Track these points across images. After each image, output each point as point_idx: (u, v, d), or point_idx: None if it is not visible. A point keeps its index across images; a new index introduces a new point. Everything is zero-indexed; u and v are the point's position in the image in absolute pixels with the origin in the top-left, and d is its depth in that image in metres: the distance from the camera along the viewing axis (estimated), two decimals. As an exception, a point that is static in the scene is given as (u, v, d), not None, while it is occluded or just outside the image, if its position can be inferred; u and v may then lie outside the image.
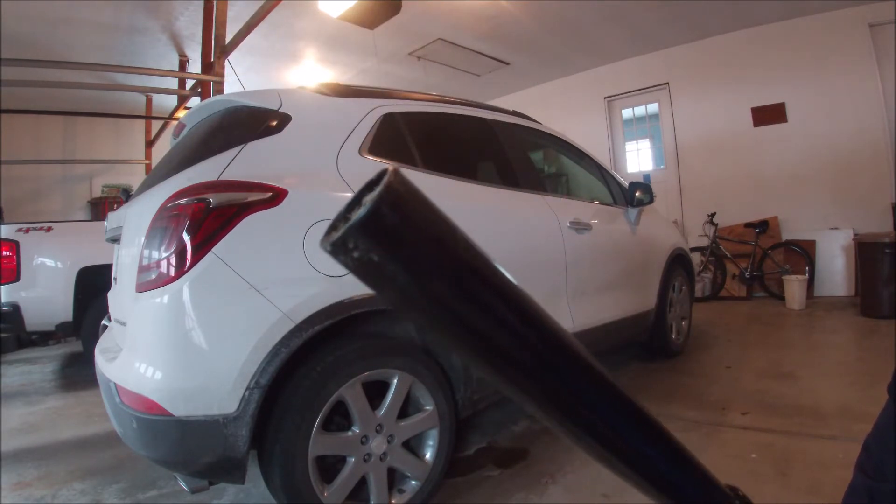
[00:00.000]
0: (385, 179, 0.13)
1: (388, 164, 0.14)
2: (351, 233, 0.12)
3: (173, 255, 1.27)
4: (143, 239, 1.36)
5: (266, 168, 1.42)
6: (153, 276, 1.30)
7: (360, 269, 0.13)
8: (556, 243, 2.15)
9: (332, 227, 0.13)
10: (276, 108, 1.58)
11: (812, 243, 5.01)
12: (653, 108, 6.26)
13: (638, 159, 6.52)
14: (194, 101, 4.79)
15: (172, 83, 5.44)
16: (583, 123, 6.54)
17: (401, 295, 0.13)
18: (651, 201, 2.81)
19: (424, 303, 0.13)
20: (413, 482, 1.58)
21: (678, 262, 3.24)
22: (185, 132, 1.93)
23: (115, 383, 1.34)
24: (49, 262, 3.52)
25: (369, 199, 0.12)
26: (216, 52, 4.07)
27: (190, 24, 4.61)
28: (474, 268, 0.13)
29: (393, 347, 1.56)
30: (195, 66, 4.85)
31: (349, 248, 0.12)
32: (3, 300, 3.35)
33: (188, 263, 1.25)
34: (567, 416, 0.18)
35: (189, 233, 1.26)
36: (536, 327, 0.16)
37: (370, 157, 1.66)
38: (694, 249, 5.14)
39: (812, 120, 5.06)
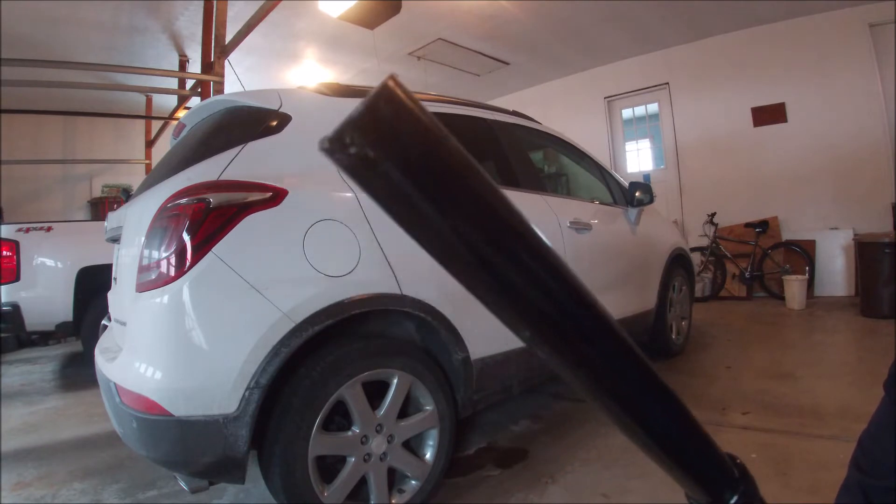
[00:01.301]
0: (383, 82, 0.13)
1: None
2: (348, 127, 0.12)
3: (173, 255, 1.27)
4: (143, 239, 1.36)
5: (266, 168, 1.42)
6: (153, 276, 1.30)
7: (355, 167, 0.13)
8: (556, 243, 2.15)
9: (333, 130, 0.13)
10: (276, 108, 1.58)
11: (812, 243, 5.01)
12: (653, 108, 6.26)
13: (638, 159, 6.52)
14: (194, 101, 4.79)
15: (172, 83, 5.44)
16: (583, 123, 6.54)
17: (393, 194, 0.13)
18: (651, 201, 2.81)
19: (416, 204, 0.13)
20: (413, 482, 1.58)
21: (678, 262, 3.24)
22: (185, 132, 1.93)
23: (115, 383, 1.34)
24: (49, 262, 3.52)
25: (367, 97, 0.13)
26: (216, 52, 4.07)
27: (190, 24, 4.61)
28: (463, 170, 0.14)
29: (393, 347, 1.56)
30: (195, 66, 4.85)
31: (346, 143, 0.12)
32: (3, 300, 3.35)
33: (188, 263, 1.25)
34: (568, 357, 0.18)
35: (189, 233, 1.26)
36: (527, 244, 0.15)
37: (370, 157, 1.66)
38: (694, 249, 5.14)
39: (812, 120, 5.06)
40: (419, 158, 0.13)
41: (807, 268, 4.85)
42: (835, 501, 0.68)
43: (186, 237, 1.26)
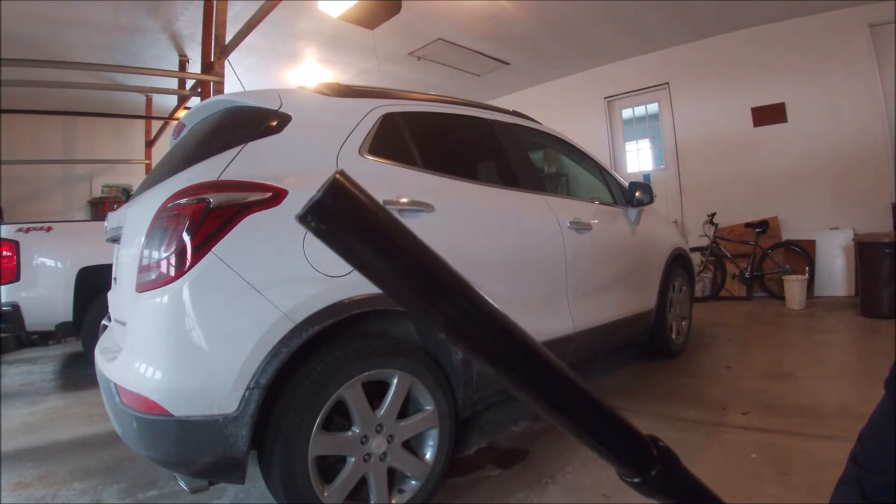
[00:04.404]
0: (331, 176, 0.18)
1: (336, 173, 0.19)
2: (308, 210, 0.18)
3: (173, 255, 1.27)
4: (143, 239, 1.36)
5: (266, 168, 1.42)
6: (153, 276, 1.30)
7: (317, 235, 0.19)
8: (557, 243, 2.15)
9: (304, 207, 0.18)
10: (276, 108, 1.58)
11: (812, 243, 5.01)
12: (653, 108, 6.26)
13: (638, 159, 6.52)
14: (194, 101, 4.79)
15: (172, 83, 5.44)
16: (583, 123, 6.53)
17: (344, 252, 0.19)
18: (651, 201, 2.81)
19: (357, 257, 0.19)
20: (413, 482, 1.58)
21: (678, 262, 3.24)
22: (185, 132, 1.93)
23: (115, 383, 1.34)
24: (49, 262, 3.52)
25: (321, 188, 0.18)
26: (216, 52, 4.07)
27: (190, 24, 4.61)
28: (394, 234, 0.19)
29: (393, 347, 1.56)
30: (195, 66, 4.85)
31: (308, 220, 0.18)
32: (3, 300, 3.35)
33: (188, 263, 1.25)
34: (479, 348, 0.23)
35: (189, 233, 1.26)
36: (445, 278, 0.21)
37: (370, 158, 1.66)
38: (694, 249, 5.14)
39: (812, 120, 5.06)
40: (358, 229, 0.18)
41: (807, 268, 4.85)
42: (832, 495, 0.68)
43: (186, 237, 1.26)
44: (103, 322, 2.08)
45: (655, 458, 0.26)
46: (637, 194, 2.78)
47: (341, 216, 0.18)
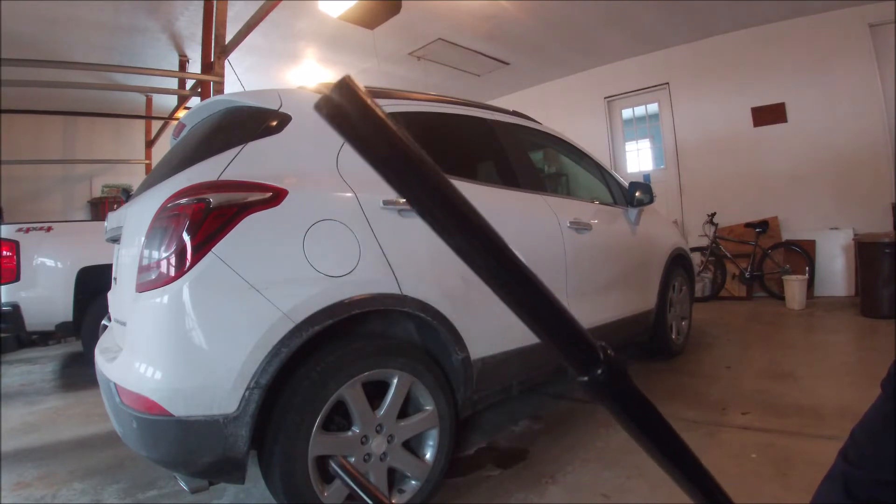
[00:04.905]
0: (340, 79, 0.22)
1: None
2: (321, 101, 0.22)
3: (173, 255, 1.27)
4: (143, 239, 1.36)
5: (266, 168, 1.42)
6: (153, 276, 1.30)
7: (327, 120, 0.22)
8: (556, 243, 2.15)
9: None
10: (276, 108, 1.58)
11: (812, 243, 5.01)
12: (653, 108, 6.26)
13: (638, 159, 6.52)
14: (194, 101, 4.79)
15: (172, 83, 5.44)
16: (583, 123, 6.54)
17: (346, 135, 0.22)
18: (651, 201, 2.81)
19: (356, 141, 0.22)
20: (413, 482, 1.58)
21: (678, 262, 3.24)
22: (185, 132, 1.93)
23: (115, 383, 1.34)
24: (49, 262, 3.52)
25: (331, 87, 0.22)
26: (216, 52, 4.07)
27: (190, 24, 4.61)
28: (383, 126, 0.23)
29: (393, 347, 1.56)
30: (195, 66, 4.85)
31: (321, 108, 0.22)
32: (3, 300, 3.35)
33: (188, 263, 1.25)
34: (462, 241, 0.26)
35: (189, 233, 1.26)
36: (423, 168, 0.24)
37: (370, 157, 1.66)
38: (694, 249, 5.14)
39: (812, 120, 5.06)
40: (357, 118, 0.22)
41: (807, 268, 4.85)
42: (817, 489, 0.69)
43: (186, 237, 1.26)
44: (103, 322, 2.08)
45: (601, 360, 0.29)
46: (637, 194, 2.78)
47: (345, 108, 0.22)
